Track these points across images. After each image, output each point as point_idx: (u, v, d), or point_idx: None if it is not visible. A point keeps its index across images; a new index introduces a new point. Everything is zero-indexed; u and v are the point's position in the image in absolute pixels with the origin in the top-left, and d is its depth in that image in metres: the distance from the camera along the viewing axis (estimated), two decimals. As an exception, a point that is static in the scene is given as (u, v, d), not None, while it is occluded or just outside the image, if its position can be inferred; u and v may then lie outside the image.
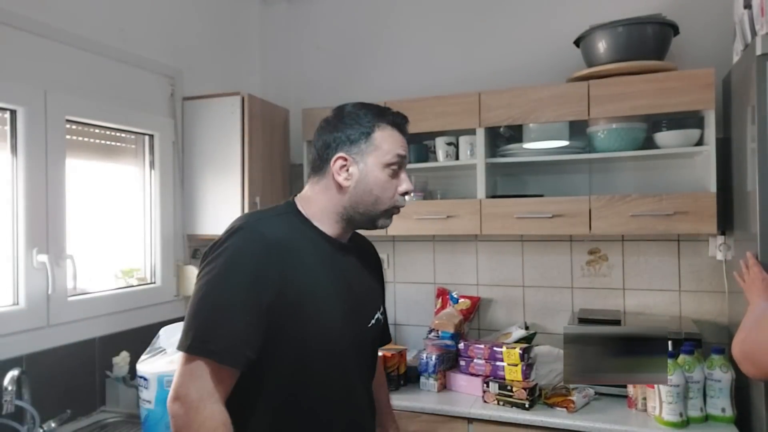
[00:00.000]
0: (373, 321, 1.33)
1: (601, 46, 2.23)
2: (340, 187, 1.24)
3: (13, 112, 1.87)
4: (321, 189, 1.27)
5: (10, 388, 1.70)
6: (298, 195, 1.32)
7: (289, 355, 1.16)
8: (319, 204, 1.27)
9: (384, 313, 1.44)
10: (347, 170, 1.24)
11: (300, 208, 1.28)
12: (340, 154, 1.23)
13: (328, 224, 1.26)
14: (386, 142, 1.25)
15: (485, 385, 2.18)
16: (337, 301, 1.22)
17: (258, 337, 1.11)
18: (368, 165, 1.24)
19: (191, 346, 1.07)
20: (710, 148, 2.10)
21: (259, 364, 1.12)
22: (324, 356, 1.19)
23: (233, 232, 1.16)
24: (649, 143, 2.26)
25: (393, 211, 1.29)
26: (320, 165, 1.27)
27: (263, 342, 1.12)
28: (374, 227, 1.29)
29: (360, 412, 1.29)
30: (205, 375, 1.06)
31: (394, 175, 1.26)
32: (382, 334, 1.45)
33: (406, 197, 1.29)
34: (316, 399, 1.19)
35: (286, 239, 1.18)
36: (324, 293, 1.20)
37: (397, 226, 2.49)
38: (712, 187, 2.09)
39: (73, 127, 2.10)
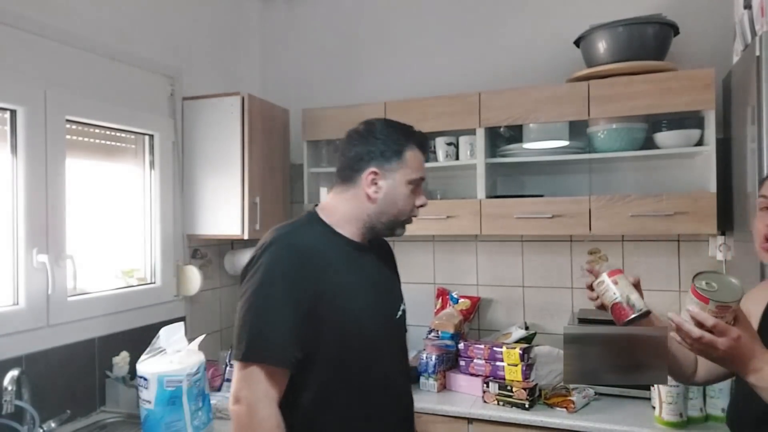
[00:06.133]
0: (399, 312, 1.47)
1: (601, 46, 2.23)
2: (368, 198, 1.37)
3: (13, 112, 1.86)
4: (348, 198, 1.39)
5: (9, 388, 1.70)
6: (319, 205, 1.44)
7: (330, 348, 1.28)
8: (343, 211, 1.39)
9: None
10: (377, 183, 1.36)
11: (322, 217, 1.39)
12: (373, 168, 1.35)
13: (349, 230, 1.38)
14: (413, 161, 1.38)
15: (485, 385, 2.18)
16: (365, 297, 1.35)
17: (302, 337, 1.23)
18: (396, 180, 1.36)
19: (245, 354, 1.21)
20: (710, 149, 2.10)
21: (305, 359, 1.25)
22: (360, 346, 1.31)
23: (266, 247, 1.28)
24: (649, 143, 2.26)
25: (409, 221, 1.44)
26: (350, 175, 1.38)
27: (307, 340, 1.24)
28: (392, 235, 1.43)
29: (397, 397, 1.42)
30: (261, 379, 1.20)
31: (414, 190, 1.39)
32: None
33: (420, 209, 1.44)
34: (356, 387, 1.31)
35: (314, 246, 1.31)
36: (353, 290, 1.33)
37: (397, 226, 2.49)
38: (712, 188, 2.09)
39: (73, 127, 2.09)
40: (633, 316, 1.17)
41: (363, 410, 1.32)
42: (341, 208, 1.39)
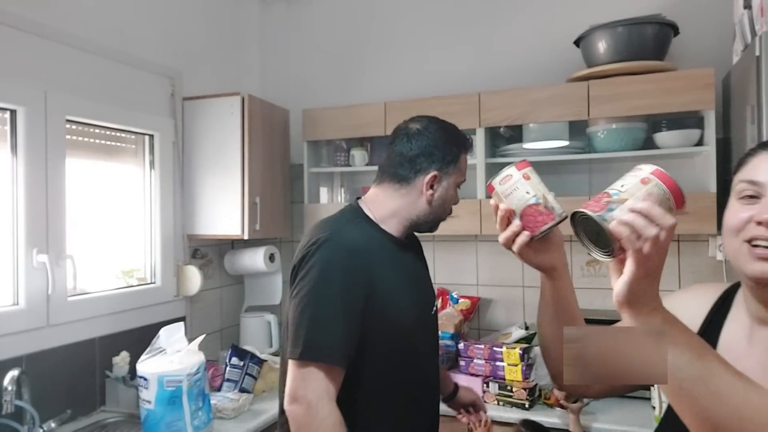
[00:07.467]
0: (434, 309, 1.50)
1: (601, 46, 2.23)
2: (424, 200, 1.39)
3: (13, 112, 1.87)
4: (400, 195, 1.40)
5: (10, 388, 1.70)
6: (363, 197, 1.45)
7: (379, 344, 1.31)
8: (390, 207, 1.40)
9: None
10: (433, 187, 1.39)
11: (366, 211, 1.40)
12: (434, 172, 1.38)
13: (394, 226, 1.40)
14: (464, 165, 1.45)
15: (485, 385, 2.18)
16: (408, 293, 1.38)
17: (356, 337, 1.26)
18: (450, 184, 1.42)
19: (303, 353, 1.21)
20: (710, 148, 2.10)
21: (357, 356, 1.28)
22: (404, 342, 1.35)
23: (319, 244, 1.27)
24: (649, 143, 2.26)
25: (445, 219, 1.48)
26: (407, 175, 1.39)
27: (359, 338, 1.27)
28: (429, 231, 1.47)
29: (431, 390, 1.49)
30: (320, 377, 1.20)
31: (456, 191, 1.46)
32: None
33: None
34: (397, 381, 1.35)
35: (364, 244, 1.32)
36: (398, 287, 1.36)
37: (397, 226, 2.49)
38: (712, 187, 2.09)
39: (74, 127, 2.09)
40: (555, 221, 0.92)
41: (402, 404, 1.37)
42: (390, 205, 1.40)
